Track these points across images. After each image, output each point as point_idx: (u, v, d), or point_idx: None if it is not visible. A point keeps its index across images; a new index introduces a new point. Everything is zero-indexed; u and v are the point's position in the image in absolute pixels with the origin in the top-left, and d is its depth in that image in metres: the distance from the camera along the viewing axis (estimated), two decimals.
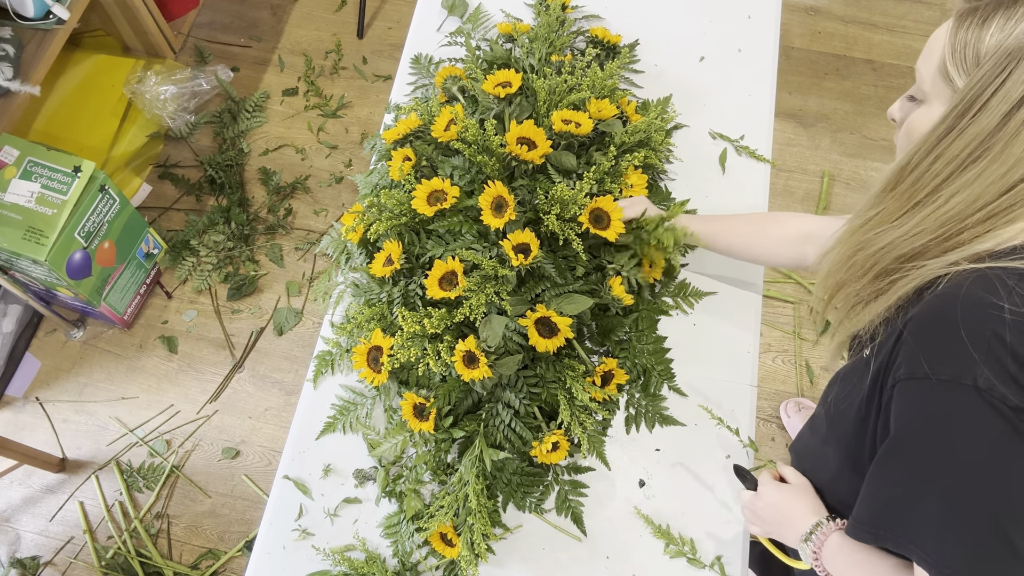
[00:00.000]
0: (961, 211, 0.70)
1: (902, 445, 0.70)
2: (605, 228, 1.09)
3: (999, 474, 0.64)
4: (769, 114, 1.39)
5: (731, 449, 1.12)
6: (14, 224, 1.71)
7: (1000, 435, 0.63)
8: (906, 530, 0.69)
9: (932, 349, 0.67)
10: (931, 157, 0.71)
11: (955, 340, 0.65)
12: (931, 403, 0.67)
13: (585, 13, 1.49)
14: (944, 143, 0.70)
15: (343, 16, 2.60)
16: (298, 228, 2.26)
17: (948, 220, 0.70)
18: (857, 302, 0.79)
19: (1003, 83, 0.66)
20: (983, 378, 0.63)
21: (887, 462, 0.72)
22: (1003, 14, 0.67)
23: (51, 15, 1.80)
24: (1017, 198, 0.68)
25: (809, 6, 2.59)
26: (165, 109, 2.26)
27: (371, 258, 1.14)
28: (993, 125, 0.67)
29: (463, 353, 1.00)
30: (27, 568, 1.85)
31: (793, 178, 2.30)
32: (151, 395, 2.04)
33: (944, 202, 0.70)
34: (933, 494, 0.66)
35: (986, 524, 0.64)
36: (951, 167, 0.69)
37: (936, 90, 0.73)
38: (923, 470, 0.67)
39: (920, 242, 0.72)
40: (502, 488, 1.08)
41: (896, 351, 0.71)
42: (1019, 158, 0.66)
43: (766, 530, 0.97)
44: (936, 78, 0.72)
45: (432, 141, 1.20)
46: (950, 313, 0.66)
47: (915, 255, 0.73)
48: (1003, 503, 0.63)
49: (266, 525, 1.11)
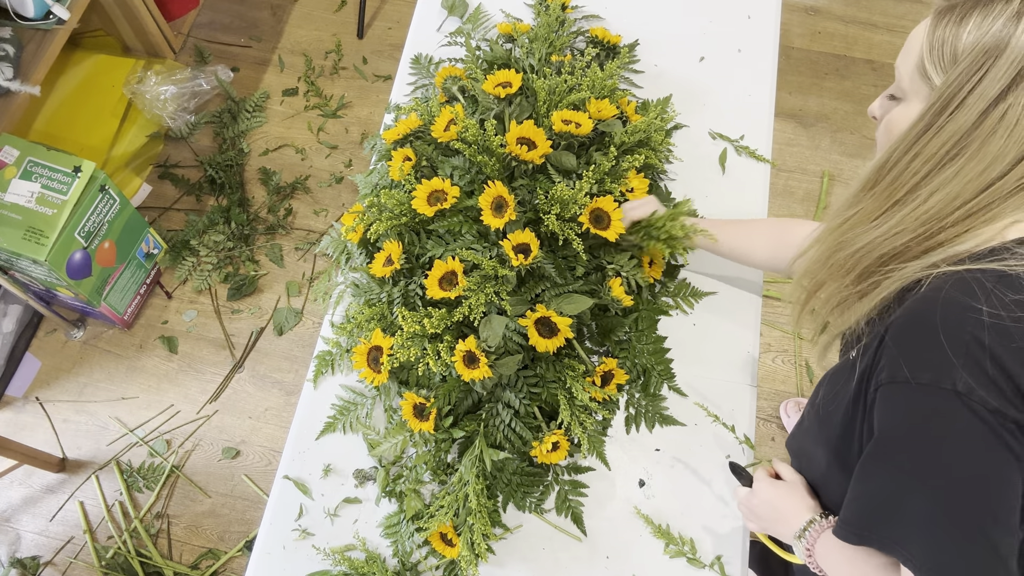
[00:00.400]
0: (940, 210, 0.70)
1: (885, 449, 0.70)
2: (605, 228, 1.09)
3: (980, 477, 0.64)
4: (769, 114, 1.39)
5: (731, 449, 1.12)
6: (14, 224, 1.71)
7: (980, 438, 0.63)
8: (891, 531, 0.69)
9: (912, 354, 0.68)
10: (909, 155, 0.71)
11: (934, 344, 0.65)
12: (912, 407, 0.67)
13: (585, 13, 1.49)
14: (922, 141, 0.70)
15: (343, 16, 2.60)
16: (298, 228, 2.26)
17: (928, 219, 0.71)
18: (840, 302, 0.80)
19: (980, 81, 0.66)
20: (962, 382, 0.63)
21: (871, 465, 0.72)
22: (981, 12, 0.67)
23: (51, 15, 1.80)
24: (995, 196, 0.68)
25: (809, 6, 2.59)
26: (165, 109, 2.26)
27: (371, 258, 1.14)
28: (970, 123, 0.67)
29: (463, 353, 1.00)
30: (27, 568, 1.85)
31: (793, 178, 2.30)
32: (151, 395, 2.04)
33: (923, 201, 0.70)
34: (916, 497, 0.67)
35: (969, 526, 0.64)
36: (929, 165, 0.70)
37: (914, 88, 0.73)
38: (906, 474, 0.68)
39: (900, 241, 0.72)
40: (502, 488, 1.08)
41: (879, 355, 0.71)
42: (996, 156, 0.66)
43: (761, 526, 0.97)
44: (914, 76, 0.73)
45: (432, 141, 1.20)
46: (929, 317, 0.67)
47: (896, 255, 0.73)
48: (984, 505, 0.64)
49: (266, 525, 1.11)
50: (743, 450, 1.12)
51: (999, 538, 0.64)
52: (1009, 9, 0.66)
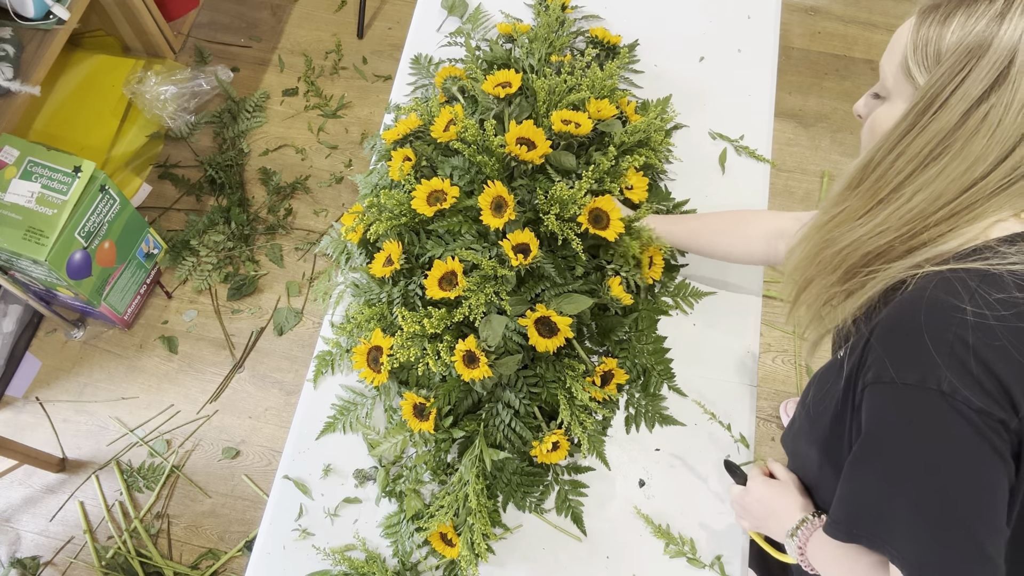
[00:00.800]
0: (924, 209, 0.70)
1: (872, 448, 0.71)
2: (605, 228, 1.09)
3: (966, 476, 0.64)
4: (769, 114, 1.39)
5: (730, 449, 1.12)
6: (14, 224, 1.71)
7: (965, 438, 0.64)
8: (879, 529, 0.70)
9: (897, 354, 0.68)
10: (893, 154, 0.71)
11: (919, 345, 0.66)
12: (898, 407, 0.68)
13: (585, 13, 1.49)
14: (906, 140, 0.70)
15: (343, 16, 2.60)
16: (298, 228, 2.26)
17: (911, 218, 0.71)
18: (827, 300, 0.80)
19: (963, 81, 0.66)
20: (947, 382, 0.64)
21: (858, 464, 0.73)
22: (965, 11, 0.67)
23: (51, 15, 1.80)
24: (978, 196, 0.68)
25: (809, 6, 2.59)
26: (165, 109, 2.26)
27: (371, 258, 1.14)
28: (953, 123, 0.67)
29: (463, 353, 1.00)
30: (27, 568, 1.85)
31: (793, 178, 2.30)
32: (151, 395, 2.04)
33: (907, 200, 0.71)
34: (903, 496, 0.67)
35: (956, 525, 0.65)
36: (913, 164, 0.70)
37: (898, 87, 0.73)
38: (892, 473, 0.68)
39: (884, 240, 0.73)
40: (502, 488, 1.08)
41: (865, 355, 0.72)
42: (978, 156, 0.67)
43: (754, 524, 0.98)
44: (898, 75, 0.73)
45: (432, 141, 1.20)
46: (913, 318, 0.67)
47: (880, 253, 0.74)
48: (971, 504, 0.64)
49: (266, 525, 1.11)
50: (738, 448, 1.12)
51: (986, 537, 0.64)
52: (992, 9, 0.66)
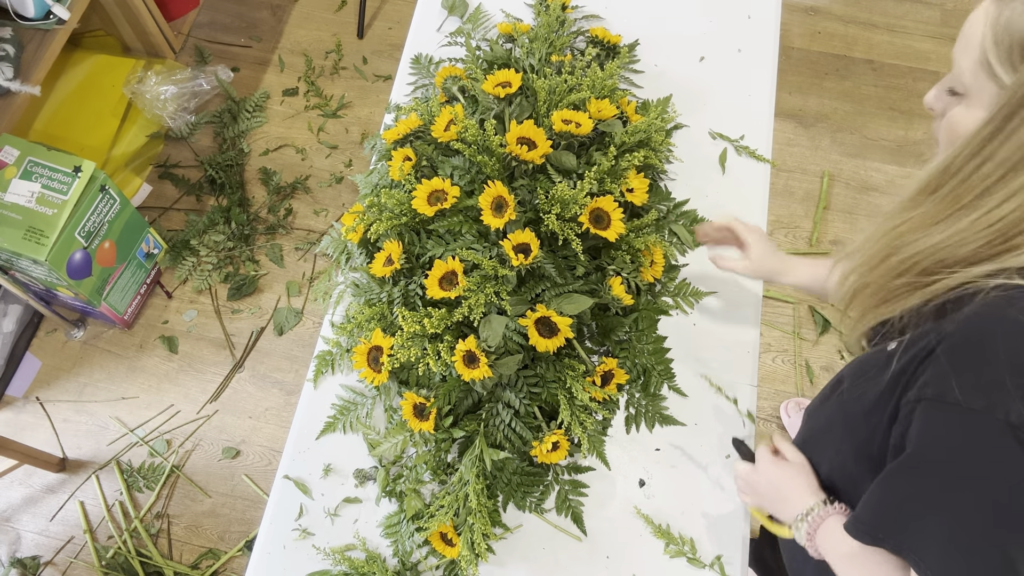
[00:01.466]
0: (1017, 218, 0.64)
1: (920, 465, 0.67)
2: (605, 228, 1.09)
3: (1016, 508, 0.61)
4: (769, 114, 1.39)
5: (731, 448, 1.12)
6: (14, 224, 1.71)
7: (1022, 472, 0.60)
8: (908, 540, 0.68)
9: (966, 375, 0.63)
10: (977, 160, 0.65)
11: (992, 370, 0.61)
12: (958, 431, 0.63)
13: (585, 13, 1.49)
14: (991, 147, 0.64)
15: (343, 16, 2.60)
16: (298, 228, 2.26)
17: (1000, 226, 0.65)
18: (888, 298, 0.75)
19: None
20: (1016, 413, 0.59)
21: (901, 476, 0.70)
22: None
23: (51, 15, 1.80)
24: None
25: (809, 6, 2.59)
26: (165, 109, 2.26)
27: (371, 258, 1.14)
28: None
29: (463, 353, 1.00)
30: (27, 568, 1.85)
31: (793, 178, 2.30)
32: (151, 395, 2.04)
33: (994, 207, 0.65)
34: (943, 518, 0.65)
35: (996, 555, 0.62)
36: (1000, 171, 0.63)
37: (978, 85, 0.66)
38: (938, 493, 0.65)
39: (967, 248, 0.67)
40: (502, 488, 1.08)
41: (925, 365, 0.67)
42: None
43: (758, 502, 0.96)
44: (977, 71, 0.66)
45: (432, 141, 1.20)
46: (990, 340, 0.63)
47: (959, 261, 0.68)
48: (1013, 531, 0.62)
49: (266, 525, 1.11)
50: (743, 424, 1.12)
51: (1018, 556, 0.62)
52: None
